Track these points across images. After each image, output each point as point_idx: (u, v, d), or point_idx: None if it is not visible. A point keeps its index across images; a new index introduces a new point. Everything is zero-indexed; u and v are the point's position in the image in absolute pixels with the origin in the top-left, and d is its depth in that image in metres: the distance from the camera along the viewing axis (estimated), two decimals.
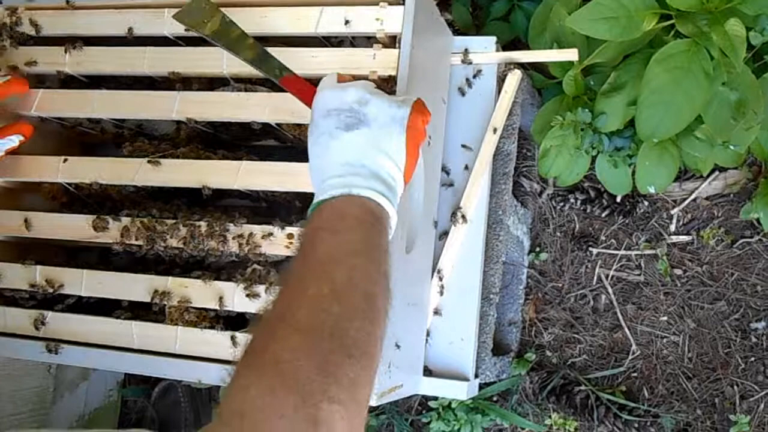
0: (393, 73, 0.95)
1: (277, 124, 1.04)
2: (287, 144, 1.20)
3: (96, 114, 1.09)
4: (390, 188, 0.77)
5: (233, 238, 1.00)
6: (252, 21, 1.00)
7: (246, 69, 0.94)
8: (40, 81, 1.14)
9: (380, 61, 0.97)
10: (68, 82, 1.14)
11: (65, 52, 1.08)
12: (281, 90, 0.89)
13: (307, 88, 0.88)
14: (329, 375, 0.60)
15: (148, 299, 1.02)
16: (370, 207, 0.74)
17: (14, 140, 1.06)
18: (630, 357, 1.40)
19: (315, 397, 0.58)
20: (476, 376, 1.16)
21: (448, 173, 1.15)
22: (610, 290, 1.42)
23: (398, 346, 0.96)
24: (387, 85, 0.95)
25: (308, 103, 0.85)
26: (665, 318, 1.39)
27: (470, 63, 1.15)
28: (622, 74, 1.14)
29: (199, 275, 1.02)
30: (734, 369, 1.35)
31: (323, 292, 0.66)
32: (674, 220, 1.41)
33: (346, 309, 0.66)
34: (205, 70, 1.04)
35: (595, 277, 1.44)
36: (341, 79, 0.86)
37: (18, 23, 1.10)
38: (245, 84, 1.06)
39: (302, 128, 1.07)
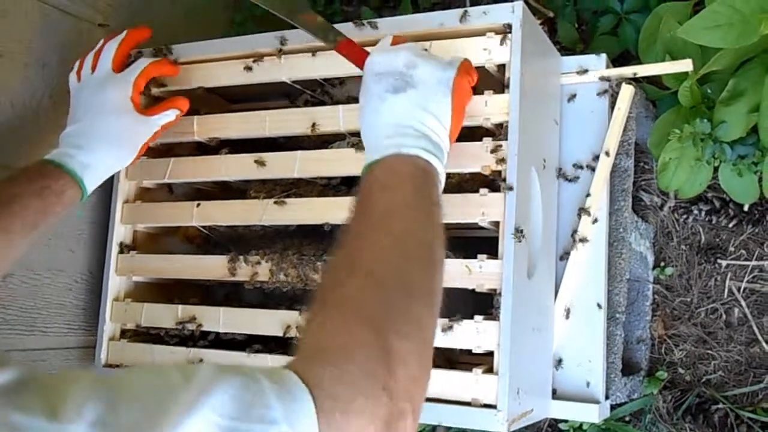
0: (506, 114, 0.96)
1: None
2: None
3: (222, 177, 1.16)
4: (437, 147, 0.82)
5: None
6: None
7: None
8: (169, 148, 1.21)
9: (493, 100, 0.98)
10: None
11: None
12: None
13: (361, 52, 0.92)
14: (395, 311, 0.66)
15: (281, 333, 1.07)
16: (420, 164, 0.80)
17: (170, 115, 1.10)
18: None
19: (385, 331, 0.64)
20: (607, 397, 1.14)
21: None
22: (743, 303, 1.37)
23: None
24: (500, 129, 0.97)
25: (362, 67, 0.90)
26: None
27: (581, 81, 1.15)
28: (740, 81, 1.10)
29: None
30: None
31: (384, 241, 0.72)
32: None
33: (406, 256, 0.72)
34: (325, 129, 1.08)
35: (726, 290, 1.38)
36: (395, 41, 0.90)
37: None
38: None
39: None
